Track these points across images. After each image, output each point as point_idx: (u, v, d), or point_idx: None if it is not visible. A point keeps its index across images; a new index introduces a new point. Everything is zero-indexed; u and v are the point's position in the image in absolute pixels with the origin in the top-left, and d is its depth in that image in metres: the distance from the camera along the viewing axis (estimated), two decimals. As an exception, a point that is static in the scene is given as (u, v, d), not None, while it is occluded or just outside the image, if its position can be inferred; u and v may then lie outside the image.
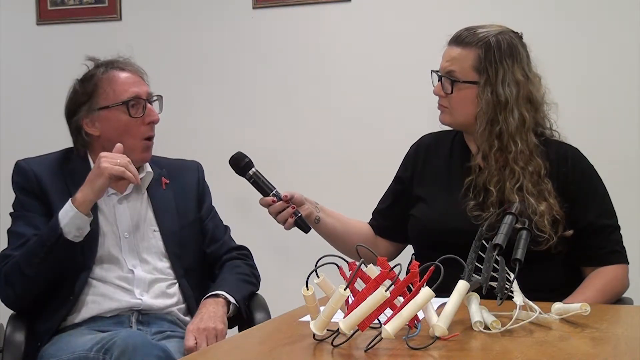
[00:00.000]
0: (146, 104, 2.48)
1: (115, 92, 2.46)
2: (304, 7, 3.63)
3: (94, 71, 2.50)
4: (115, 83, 2.47)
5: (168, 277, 2.51)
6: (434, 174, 2.47)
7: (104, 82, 2.47)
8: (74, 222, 2.31)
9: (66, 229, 2.30)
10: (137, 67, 2.54)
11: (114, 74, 2.48)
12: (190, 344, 2.29)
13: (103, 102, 2.46)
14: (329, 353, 1.64)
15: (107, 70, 2.49)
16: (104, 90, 2.46)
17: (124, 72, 2.50)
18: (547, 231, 2.27)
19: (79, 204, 2.31)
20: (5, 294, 2.43)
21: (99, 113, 2.46)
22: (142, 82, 2.52)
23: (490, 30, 2.35)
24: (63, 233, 2.30)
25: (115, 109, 2.45)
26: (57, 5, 3.88)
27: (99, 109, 2.46)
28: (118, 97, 2.46)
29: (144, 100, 2.48)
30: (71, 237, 2.31)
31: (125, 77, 2.49)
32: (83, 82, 2.50)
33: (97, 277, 2.43)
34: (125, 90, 2.46)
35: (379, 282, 1.63)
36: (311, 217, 2.47)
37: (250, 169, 2.42)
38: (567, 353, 1.63)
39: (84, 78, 2.50)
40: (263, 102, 3.69)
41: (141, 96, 2.48)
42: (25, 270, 2.34)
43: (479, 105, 2.34)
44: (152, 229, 2.52)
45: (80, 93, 2.49)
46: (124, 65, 2.51)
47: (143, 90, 2.50)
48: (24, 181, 2.48)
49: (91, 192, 2.32)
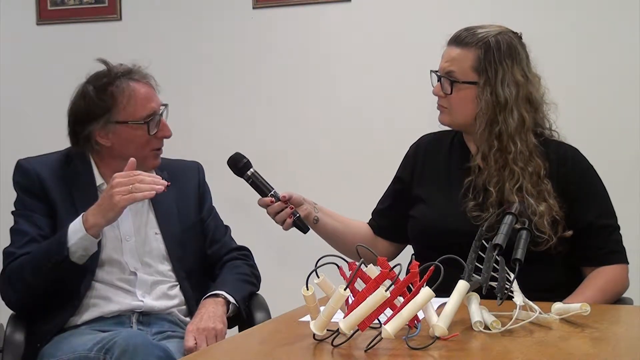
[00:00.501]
0: (160, 119, 2.46)
1: (135, 108, 2.43)
2: (304, 7, 3.63)
3: (110, 80, 2.44)
4: (135, 99, 2.43)
5: (169, 280, 2.51)
6: (433, 174, 2.47)
7: (123, 97, 2.42)
8: (82, 243, 2.30)
9: (73, 248, 2.30)
10: (150, 78, 2.50)
11: (133, 88, 2.44)
12: (189, 344, 2.29)
13: (121, 117, 2.42)
14: (329, 353, 1.64)
15: (124, 82, 2.44)
16: (123, 105, 2.42)
17: (142, 86, 2.46)
18: (547, 232, 2.27)
19: (90, 226, 2.29)
20: (6, 295, 2.43)
21: (115, 126, 2.43)
22: (155, 94, 2.50)
23: (490, 31, 2.35)
24: (69, 254, 2.29)
25: (134, 126, 2.43)
26: (57, 5, 3.88)
27: (116, 123, 2.43)
28: (138, 114, 2.43)
29: (159, 116, 2.46)
30: (76, 258, 2.31)
31: (144, 92, 2.45)
32: (99, 91, 2.43)
33: (99, 279, 2.43)
34: (144, 106, 2.43)
35: (379, 282, 1.64)
36: (310, 218, 2.47)
37: (249, 169, 2.42)
38: (567, 353, 1.63)
39: (100, 87, 2.44)
40: (263, 102, 3.69)
41: (157, 112, 2.46)
42: (27, 277, 2.34)
43: (479, 105, 2.34)
44: (154, 231, 2.52)
45: (96, 103, 2.43)
46: (140, 77, 2.47)
47: (158, 103, 2.48)
48: (25, 181, 2.47)
49: (103, 220, 2.31)
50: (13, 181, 2.51)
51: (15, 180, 2.50)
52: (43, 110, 3.85)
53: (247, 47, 3.69)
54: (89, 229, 2.30)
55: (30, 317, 2.44)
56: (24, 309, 2.44)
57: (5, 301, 2.45)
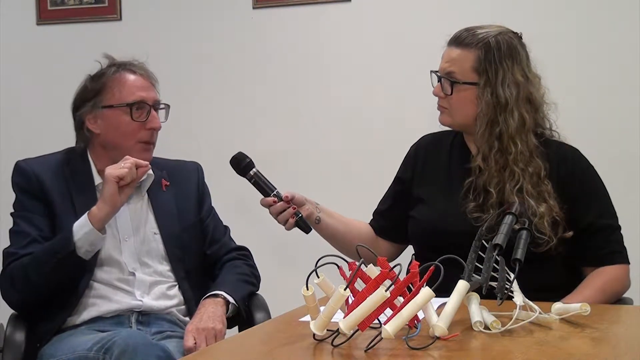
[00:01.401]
0: (151, 110, 2.48)
1: (121, 92, 2.46)
2: (304, 7, 3.63)
3: (105, 69, 2.50)
4: (124, 84, 2.47)
5: (168, 280, 2.51)
6: (433, 175, 2.47)
7: (113, 82, 2.47)
8: (88, 238, 2.31)
9: (79, 243, 2.30)
10: (149, 73, 2.54)
11: (124, 75, 2.49)
12: (189, 344, 2.29)
13: (108, 100, 2.46)
14: (329, 353, 1.64)
15: (118, 71, 2.49)
16: (111, 89, 2.47)
17: (135, 75, 2.50)
18: (547, 233, 2.27)
19: (96, 220, 2.31)
20: (8, 296, 2.43)
21: (102, 111, 2.46)
22: (151, 87, 2.52)
23: (490, 31, 2.35)
24: (75, 249, 2.30)
25: (119, 110, 2.46)
26: (57, 5, 3.88)
27: (103, 107, 2.46)
28: (124, 98, 2.46)
29: (149, 106, 2.48)
30: (82, 253, 2.31)
31: (134, 79, 2.49)
32: (93, 78, 2.50)
33: (98, 279, 2.43)
34: (132, 92, 2.47)
35: (379, 282, 1.64)
36: (312, 218, 2.46)
37: (251, 169, 2.42)
38: (567, 353, 1.63)
39: (95, 75, 2.51)
40: (263, 102, 3.69)
41: (147, 101, 2.48)
42: (31, 276, 2.34)
43: (479, 106, 2.34)
44: (153, 232, 2.52)
45: (88, 89, 2.49)
46: (136, 69, 2.51)
47: (150, 95, 2.49)
48: (24, 182, 2.47)
49: (104, 204, 2.32)
50: (12, 182, 2.51)
51: (14, 182, 2.50)
52: (43, 111, 3.85)
53: (247, 47, 3.69)
54: (94, 221, 2.30)
55: (30, 317, 2.44)
56: (26, 308, 2.44)
57: (6, 301, 2.45)
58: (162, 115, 2.53)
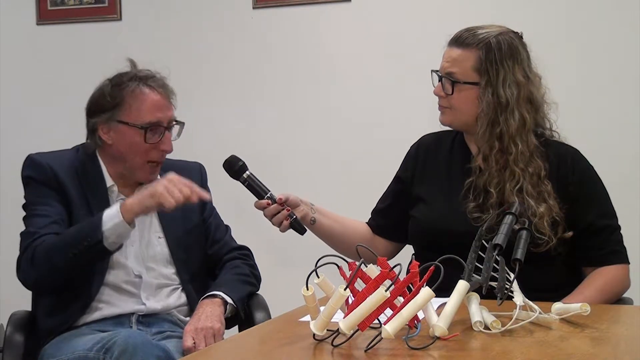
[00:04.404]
0: (164, 132, 2.45)
1: (139, 112, 2.43)
2: (304, 7, 3.63)
3: (127, 81, 2.45)
4: (142, 103, 2.43)
5: (173, 283, 2.51)
6: (434, 175, 2.47)
7: (132, 98, 2.43)
8: (116, 230, 2.29)
9: (107, 233, 2.28)
10: (168, 91, 2.49)
11: (144, 93, 2.44)
12: (188, 344, 2.29)
13: (124, 116, 2.43)
14: (329, 353, 1.64)
15: (138, 86, 2.44)
16: (129, 105, 2.43)
17: (155, 94, 2.45)
18: (547, 233, 2.27)
19: (126, 211, 2.29)
20: (25, 273, 2.38)
21: (117, 125, 2.44)
22: (168, 106, 2.48)
23: (491, 31, 2.35)
24: (103, 238, 2.28)
25: (133, 129, 2.43)
26: (57, 5, 3.88)
27: (118, 122, 2.44)
28: (140, 119, 2.42)
29: (163, 128, 2.45)
30: (109, 244, 2.30)
31: (154, 99, 2.44)
32: (114, 87, 2.45)
33: (105, 282, 2.42)
34: (149, 113, 2.43)
35: (379, 282, 1.64)
36: (307, 219, 2.46)
37: (244, 172, 2.41)
38: (567, 353, 1.63)
39: (116, 83, 2.45)
40: (263, 102, 3.69)
41: (162, 123, 2.45)
42: (54, 258, 2.31)
43: (480, 106, 2.33)
44: (157, 235, 2.52)
45: (107, 98, 2.44)
46: (156, 86, 2.46)
47: (167, 116, 2.46)
48: (38, 173, 2.44)
49: (138, 207, 2.30)
50: (22, 176, 2.47)
51: (26, 175, 2.46)
52: (43, 111, 3.85)
53: (247, 47, 3.69)
54: (125, 212, 2.28)
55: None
56: (41, 289, 2.42)
57: (21, 279, 2.39)
58: (175, 131, 2.51)
